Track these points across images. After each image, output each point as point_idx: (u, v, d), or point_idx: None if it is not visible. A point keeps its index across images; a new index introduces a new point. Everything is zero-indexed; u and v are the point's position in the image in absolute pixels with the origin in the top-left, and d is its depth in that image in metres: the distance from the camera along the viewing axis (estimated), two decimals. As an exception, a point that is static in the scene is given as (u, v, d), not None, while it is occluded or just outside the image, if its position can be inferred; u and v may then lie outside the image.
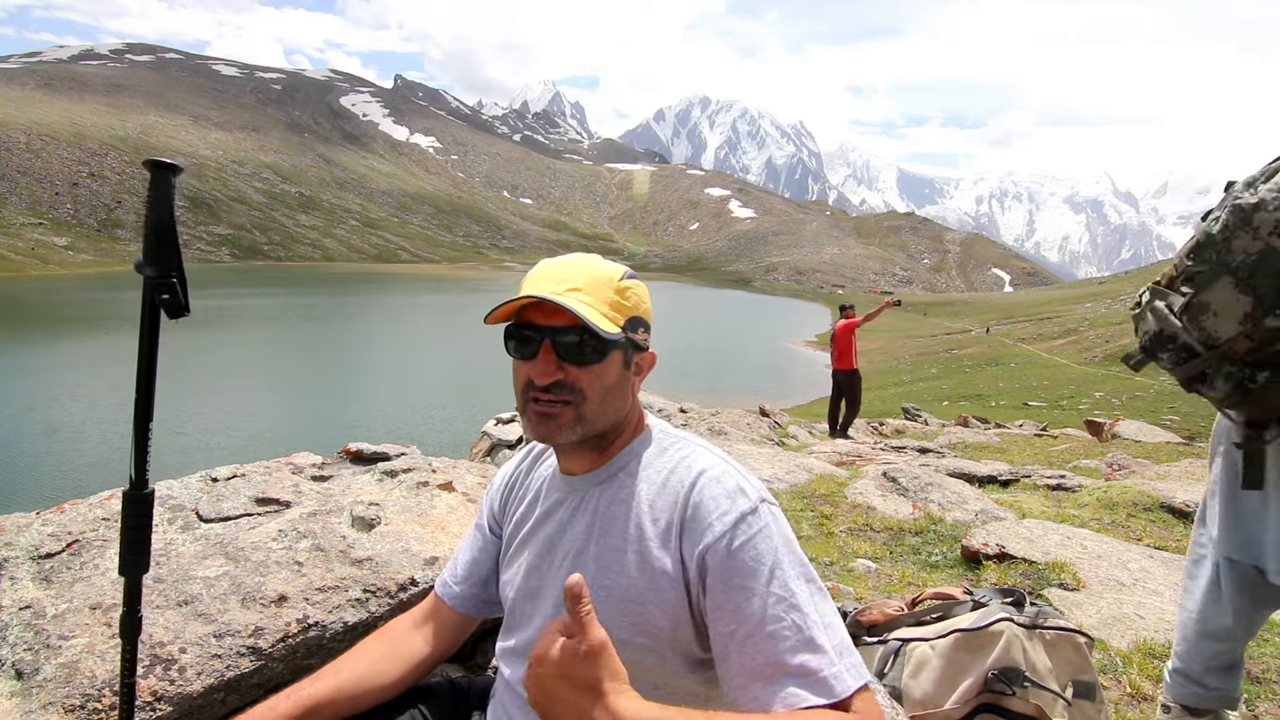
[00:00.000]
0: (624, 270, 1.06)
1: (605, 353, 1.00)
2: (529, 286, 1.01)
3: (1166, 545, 3.46)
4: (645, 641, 0.97)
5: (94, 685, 1.43)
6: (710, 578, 0.93)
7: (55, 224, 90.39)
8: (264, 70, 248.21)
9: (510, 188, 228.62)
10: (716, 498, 0.95)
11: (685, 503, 0.97)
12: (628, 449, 1.07)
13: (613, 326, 0.99)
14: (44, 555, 1.80)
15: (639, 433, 1.09)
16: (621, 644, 0.96)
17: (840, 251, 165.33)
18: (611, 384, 1.02)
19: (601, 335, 0.97)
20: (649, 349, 1.08)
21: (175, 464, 15.55)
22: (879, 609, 1.96)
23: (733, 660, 0.91)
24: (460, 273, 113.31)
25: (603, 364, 1.00)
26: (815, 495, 4.22)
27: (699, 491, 0.97)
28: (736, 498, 0.95)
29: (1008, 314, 64.43)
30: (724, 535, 0.93)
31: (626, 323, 1.02)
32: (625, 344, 1.02)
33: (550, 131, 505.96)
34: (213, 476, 2.30)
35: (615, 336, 0.99)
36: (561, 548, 1.07)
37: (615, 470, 1.06)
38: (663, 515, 0.98)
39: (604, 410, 1.02)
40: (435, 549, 1.97)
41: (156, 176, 0.89)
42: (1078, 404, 19.88)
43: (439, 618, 1.24)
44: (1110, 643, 2.39)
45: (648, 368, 1.09)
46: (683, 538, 0.96)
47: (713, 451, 1.04)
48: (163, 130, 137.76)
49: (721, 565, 0.92)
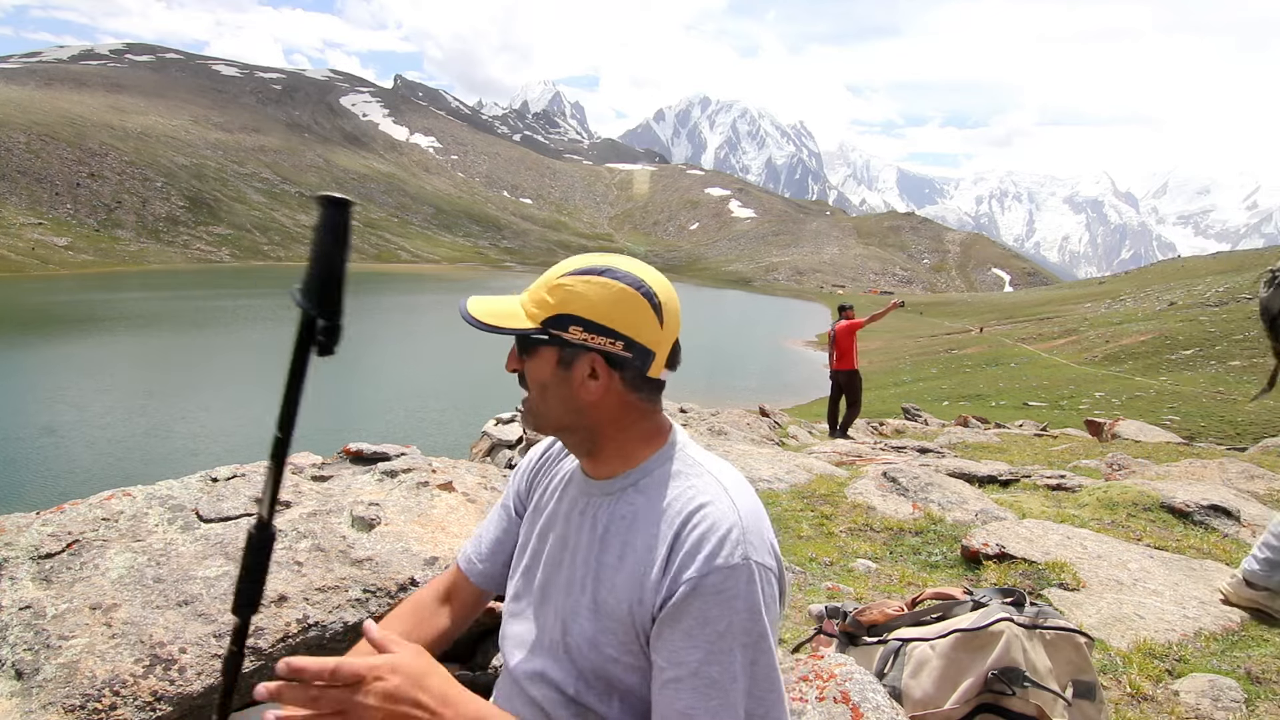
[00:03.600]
0: (580, 266, 1.00)
1: (532, 347, 1.01)
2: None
3: (1166, 545, 3.46)
4: (631, 661, 0.97)
5: (94, 685, 1.43)
6: (665, 611, 0.92)
7: (55, 224, 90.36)
8: (264, 70, 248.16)
9: (510, 188, 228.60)
10: (705, 537, 0.92)
11: (676, 536, 0.94)
12: (642, 465, 1.04)
13: (526, 322, 0.99)
14: (44, 555, 1.80)
15: (655, 449, 1.05)
16: (610, 660, 0.98)
17: (840, 251, 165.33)
18: (546, 381, 1.01)
19: (486, 328, 1.00)
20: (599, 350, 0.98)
21: (175, 464, 15.55)
22: (879, 609, 1.96)
23: (655, 695, 0.93)
24: (460, 273, 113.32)
25: (534, 359, 1.02)
26: (815, 495, 4.22)
27: (691, 527, 0.94)
28: (724, 546, 0.91)
29: (1008, 314, 64.42)
30: (690, 579, 0.90)
31: (549, 319, 0.98)
32: (551, 340, 0.99)
33: (550, 131, 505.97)
34: (213, 476, 2.31)
35: (521, 330, 0.99)
36: (570, 548, 1.07)
37: (625, 485, 1.04)
38: (659, 543, 0.96)
39: (545, 407, 1.03)
40: (435, 549, 1.97)
41: (331, 212, 0.83)
42: (1078, 404, 19.87)
43: (460, 593, 1.24)
44: (1110, 643, 2.39)
45: (603, 374, 1.00)
46: (667, 568, 0.94)
47: (725, 489, 0.98)
48: (163, 130, 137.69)
49: (680, 601, 0.90)
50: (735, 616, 0.89)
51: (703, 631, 0.89)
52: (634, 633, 0.96)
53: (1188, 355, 26.43)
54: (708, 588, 0.89)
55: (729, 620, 0.89)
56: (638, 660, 0.98)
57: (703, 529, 0.93)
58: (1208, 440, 13.72)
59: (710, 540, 0.91)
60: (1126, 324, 35.97)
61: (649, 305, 0.99)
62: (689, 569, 0.91)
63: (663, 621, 0.92)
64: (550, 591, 1.07)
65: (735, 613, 0.89)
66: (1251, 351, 25.04)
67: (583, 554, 1.04)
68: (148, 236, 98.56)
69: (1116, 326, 35.93)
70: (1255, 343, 25.96)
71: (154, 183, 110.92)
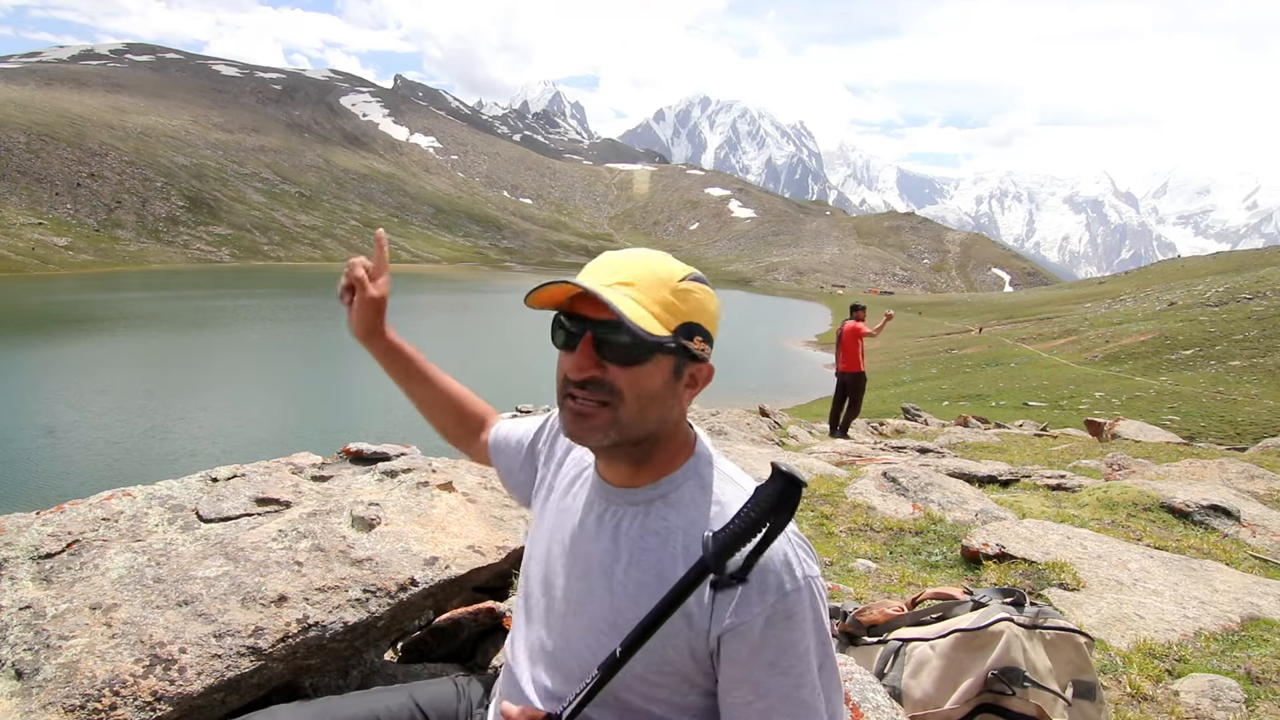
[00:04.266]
0: (689, 271, 0.97)
1: (649, 355, 0.92)
2: (582, 276, 0.95)
3: (1166, 545, 3.46)
4: (660, 680, 0.96)
5: (94, 685, 1.43)
6: (736, 647, 0.91)
7: (55, 224, 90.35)
8: (264, 70, 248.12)
9: (510, 188, 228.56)
10: (760, 572, 0.90)
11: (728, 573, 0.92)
12: (670, 477, 1.00)
13: (660, 328, 0.91)
14: (44, 555, 1.80)
15: (685, 458, 1.02)
16: (639, 679, 0.96)
17: (840, 251, 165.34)
18: (654, 391, 0.94)
19: (640, 334, 0.89)
20: (708, 361, 0.98)
21: (175, 464, 15.55)
22: (879, 609, 1.96)
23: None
24: (460, 273, 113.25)
25: (645, 367, 0.93)
26: (815, 495, 4.22)
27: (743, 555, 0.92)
28: (782, 575, 0.91)
29: (1008, 314, 64.41)
30: (761, 614, 0.89)
31: (680, 327, 0.93)
32: (676, 350, 0.93)
33: (550, 131, 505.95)
34: (213, 476, 2.31)
35: (661, 339, 0.90)
36: (584, 555, 1.03)
37: (654, 496, 1.00)
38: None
39: (642, 418, 0.95)
40: (435, 549, 1.97)
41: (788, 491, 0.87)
42: (1078, 404, 19.86)
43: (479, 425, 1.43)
44: (1110, 643, 2.39)
45: (703, 382, 1.00)
46: (716, 599, 0.91)
47: None
48: (163, 130, 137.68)
49: (754, 641, 0.90)
50: (808, 637, 0.91)
51: (784, 659, 0.90)
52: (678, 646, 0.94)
53: (1188, 355, 26.43)
54: (778, 617, 0.90)
55: (805, 643, 0.91)
56: (668, 681, 0.96)
57: (761, 560, 0.90)
58: (1208, 440, 13.72)
59: (769, 572, 0.90)
60: (1126, 324, 35.97)
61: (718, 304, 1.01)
62: (755, 605, 0.90)
63: (735, 653, 0.91)
64: (567, 602, 1.03)
65: (807, 634, 0.91)
66: (1251, 351, 25.04)
67: (604, 567, 1.00)
68: (148, 236, 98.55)
69: (1116, 326, 35.92)
70: (1255, 343, 25.97)
71: (154, 183, 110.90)
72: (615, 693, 0.97)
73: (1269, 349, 24.74)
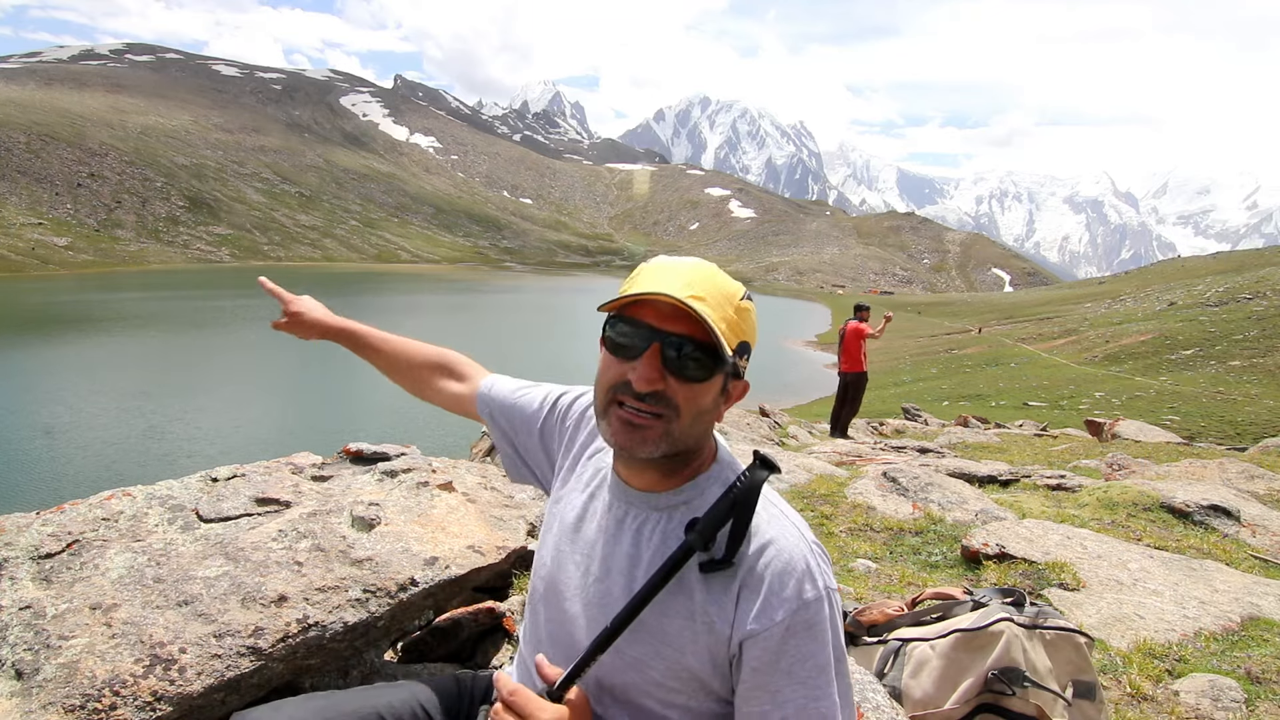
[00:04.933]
0: (744, 290, 0.98)
1: (713, 372, 0.93)
2: (649, 281, 0.92)
3: (1166, 545, 3.46)
4: (677, 685, 0.96)
5: (94, 685, 1.43)
6: (756, 654, 0.91)
7: (55, 224, 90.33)
8: (264, 70, 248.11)
9: (510, 188, 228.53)
10: (781, 576, 0.91)
11: (749, 569, 0.92)
12: (694, 483, 1.00)
13: (728, 348, 0.91)
14: (44, 555, 1.80)
15: (709, 464, 1.02)
16: (655, 684, 0.96)
17: (840, 251, 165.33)
18: (707, 406, 0.95)
19: (719, 354, 0.91)
20: (744, 378, 1.00)
21: (175, 464, 15.55)
22: (879, 609, 1.96)
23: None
24: (460, 273, 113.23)
25: (706, 383, 0.93)
26: (815, 495, 4.22)
27: (764, 565, 0.92)
28: (804, 583, 0.91)
29: (1008, 314, 64.41)
30: (783, 620, 0.90)
31: (738, 346, 0.94)
32: (731, 368, 0.95)
33: (550, 131, 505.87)
34: (213, 476, 2.30)
35: (729, 357, 0.92)
36: (602, 557, 1.02)
37: (678, 502, 0.99)
38: (731, 577, 0.93)
39: (693, 432, 0.95)
40: (435, 549, 1.96)
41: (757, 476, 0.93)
42: (1078, 404, 19.86)
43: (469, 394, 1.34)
44: (1110, 643, 2.39)
45: (737, 396, 1.00)
46: (739, 603, 0.92)
47: (786, 515, 0.98)
48: (163, 130, 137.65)
49: (774, 648, 0.90)
50: (827, 647, 0.91)
51: (803, 668, 0.90)
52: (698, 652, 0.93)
53: (1188, 355, 26.43)
54: (799, 625, 0.90)
55: (825, 653, 0.91)
56: (686, 688, 0.95)
57: (779, 567, 0.91)
58: (1208, 440, 13.72)
59: (791, 578, 0.91)
60: (1126, 324, 35.97)
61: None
62: (777, 611, 0.90)
63: (754, 660, 0.91)
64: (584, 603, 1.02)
65: (826, 643, 0.91)
66: (1251, 351, 25.05)
67: (622, 568, 0.99)
68: (148, 236, 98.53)
69: (1116, 326, 35.92)
70: (1255, 343, 25.97)
71: (154, 183, 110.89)
72: (633, 697, 0.97)
73: (1269, 349, 24.74)
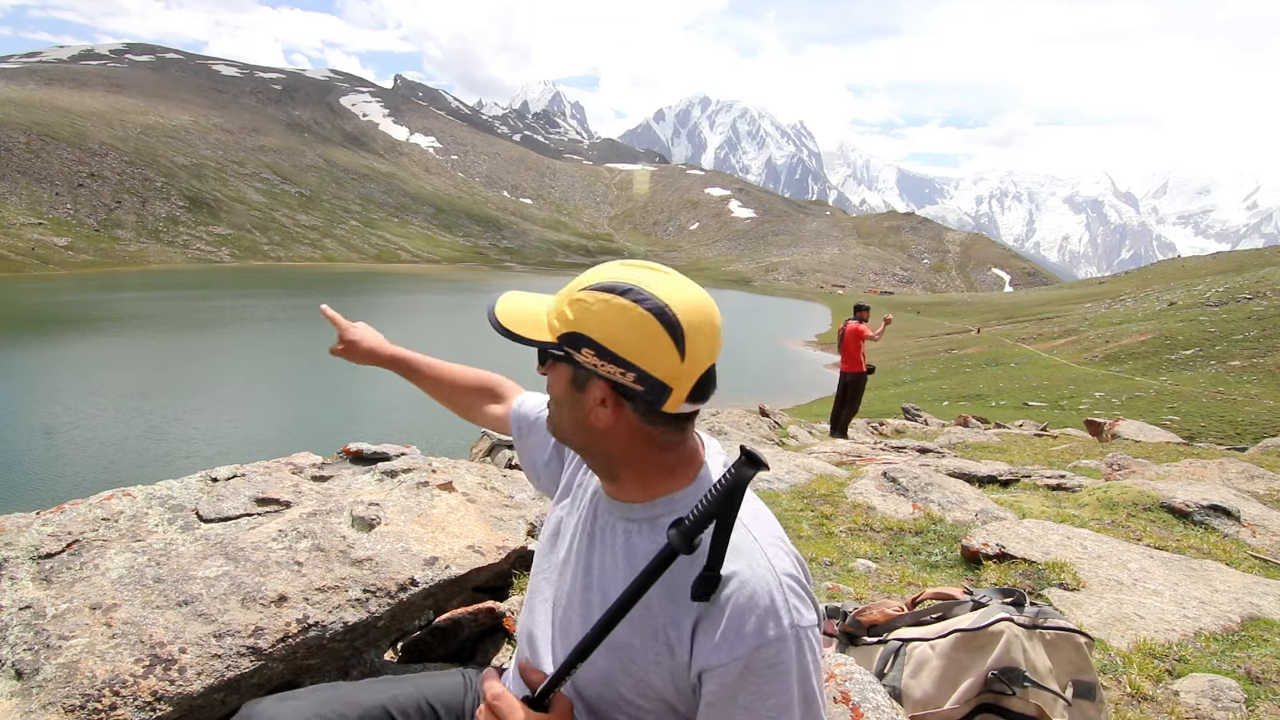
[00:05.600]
0: (602, 280, 0.91)
1: (546, 360, 0.97)
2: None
3: (1166, 545, 3.46)
4: (645, 704, 0.94)
5: (94, 685, 1.43)
6: (713, 688, 0.88)
7: (55, 224, 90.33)
8: (264, 70, 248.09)
9: (510, 188, 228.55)
10: (742, 612, 0.86)
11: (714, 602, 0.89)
12: (665, 500, 0.97)
13: (543, 333, 0.93)
14: (44, 555, 1.80)
15: (682, 484, 0.98)
16: (625, 700, 0.95)
17: (840, 251, 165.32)
18: (560, 397, 0.97)
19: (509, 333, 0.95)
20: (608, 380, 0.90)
21: (175, 464, 15.56)
22: (879, 609, 1.96)
23: None
24: (460, 273, 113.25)
25: (551, 372, 0.98)
26: (815, 495, 4.22)
27: (725, 597, 0.88)
28: (767, 620, 0.86)
29: (1008, 314, 64.41)
30: (740, 657, 0.86)
31: (564, 336, 0.91)
32: (565, 358, 0.93)
33: (550, 131, 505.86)
34: (213, 476, 2.30)
35: (538, 341, 0.94)
36: (585, 567, 1.02)
37: (652, 515, 0.98)
38: (685, 597, 0.90)
39: (560, 422, 0.99)
40: (435, 549, 1.96)
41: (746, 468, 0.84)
42: (1078, 404, 19.87)
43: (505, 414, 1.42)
44: (1110, 643, 2.39)
45: (612, 405, 0.92)
46: (696, 633, 0.89)
47: (759, 543, 0.92)
48: (163, 130, 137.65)
49: (732, 684, 0.87)
50: (791, 690, 0.87)
51: (761, 706, 0.87)
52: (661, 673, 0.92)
53: (1188, 355, 26.43)
54: (759, 664, 0.86)
55: (789, 693, 0.87)
56: (654, 707, 0.94)
57: (740, 601, 0.87)
58: (1208, 440, 13.72)
59: (752, 615, 0.86)
60: (1126, 324, 35.97)
61: (668, 336, 0.88)
62: (736, 647, 0.86)
63: (712, 693, 0.88)
64: (569, 610, 1.03)
65: (789, 685, 0.87)
66: (1251, 351, 25.05)
67: (601, 579, 0.99)
68: (148, 236, 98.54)
69: (1116, 326, 35.93)
70: (1255, 343, 25.98)
71: (154, 183, 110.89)
72: (605, 710, 0.97)
73: (1269, 349, 24.75)
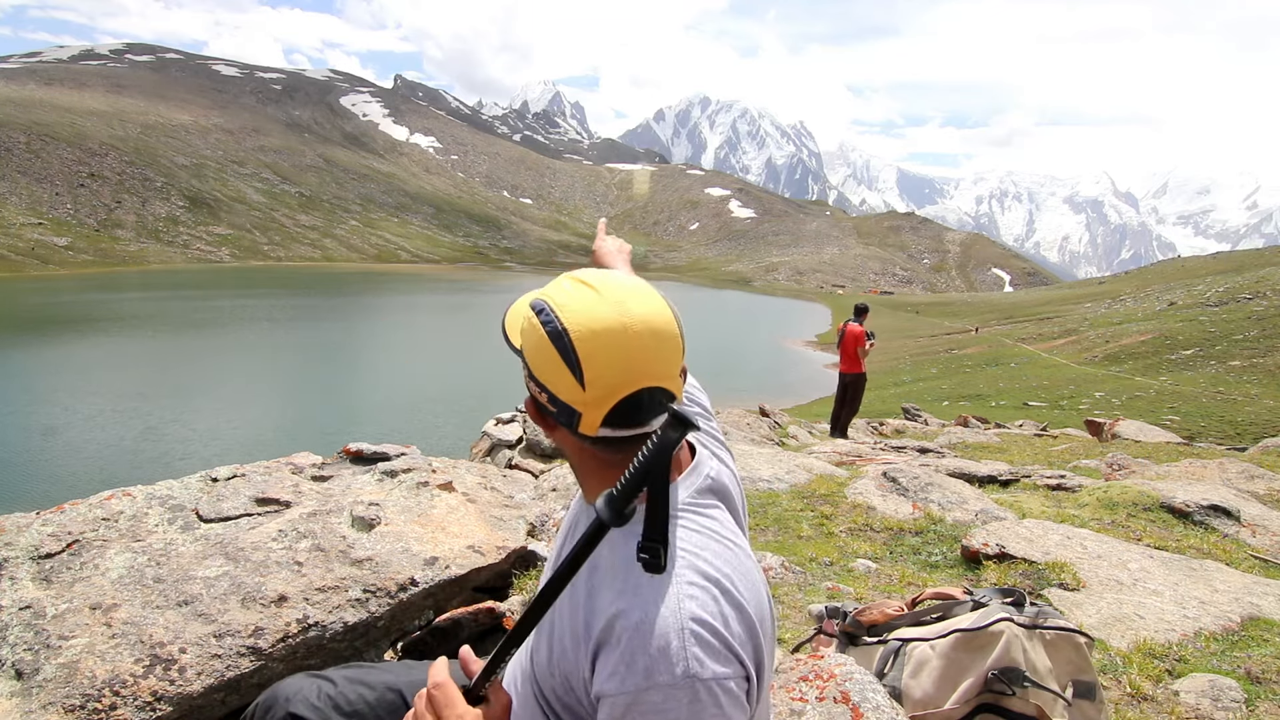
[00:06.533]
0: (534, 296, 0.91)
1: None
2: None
3: (1166, 545, 3.46)
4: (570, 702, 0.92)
5: (94, 685, 1.43)
6: (604, 716, 0.84)
7: (55, 224, 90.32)
8: (264, 70, 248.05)
9: (510, 188, 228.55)
10: (634, 650, 0.81)
11: (608, 624, 0.85)
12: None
13: (516, 340, 0.94)
14: (44, 555, 1.80)
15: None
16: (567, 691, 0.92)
17: (840, 251, 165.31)
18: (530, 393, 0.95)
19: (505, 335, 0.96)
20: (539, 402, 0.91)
21: (175, 464, 15.56)
22: (879, 609, 1.96)
23: None
24: (460, 273, 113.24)
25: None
26: (815, 495, 4.22)
27: (624, 627, 0.83)
28: (657, 663, 0.80)
29: (1008, 314, 64.40)
30: (628, 693, 0.81)
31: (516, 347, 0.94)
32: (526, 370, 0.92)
33: (550, 131, 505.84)
34: (213, 476, 2.31)
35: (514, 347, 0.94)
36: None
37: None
38: (592, 625, 0.87)
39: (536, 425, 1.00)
40: (435, 549, 1.97)
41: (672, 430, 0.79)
42: (1078, 404, 19.87)
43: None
44: (1110, 643, 2.39)
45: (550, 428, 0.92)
46: (597, 656, 0.86)
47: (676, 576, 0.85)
48: (163, 130, 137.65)
49: (619, 717, 0.82)
50: None
51: None
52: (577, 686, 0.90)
53: (1188, 355, 26.43)
54: (646, 705, 0.80)
55: None
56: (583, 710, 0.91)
57: (637, 639, 0.82)
58: (1208, 440, 13.72)
59: (645, 654, 0.81)
60: (1126, 324, 35.97)
61: (561, 361, 0.85)
62: (627, 681, 0.81)
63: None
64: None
65: None
66: (1251, 351, 25.05)
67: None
68: (148, 236, 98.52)
69: (1116, 326, 35.93)
70: (1255, 343, 25.98)
71: (154, 183, 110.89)
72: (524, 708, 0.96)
73: (1269, 349, 24.75)
